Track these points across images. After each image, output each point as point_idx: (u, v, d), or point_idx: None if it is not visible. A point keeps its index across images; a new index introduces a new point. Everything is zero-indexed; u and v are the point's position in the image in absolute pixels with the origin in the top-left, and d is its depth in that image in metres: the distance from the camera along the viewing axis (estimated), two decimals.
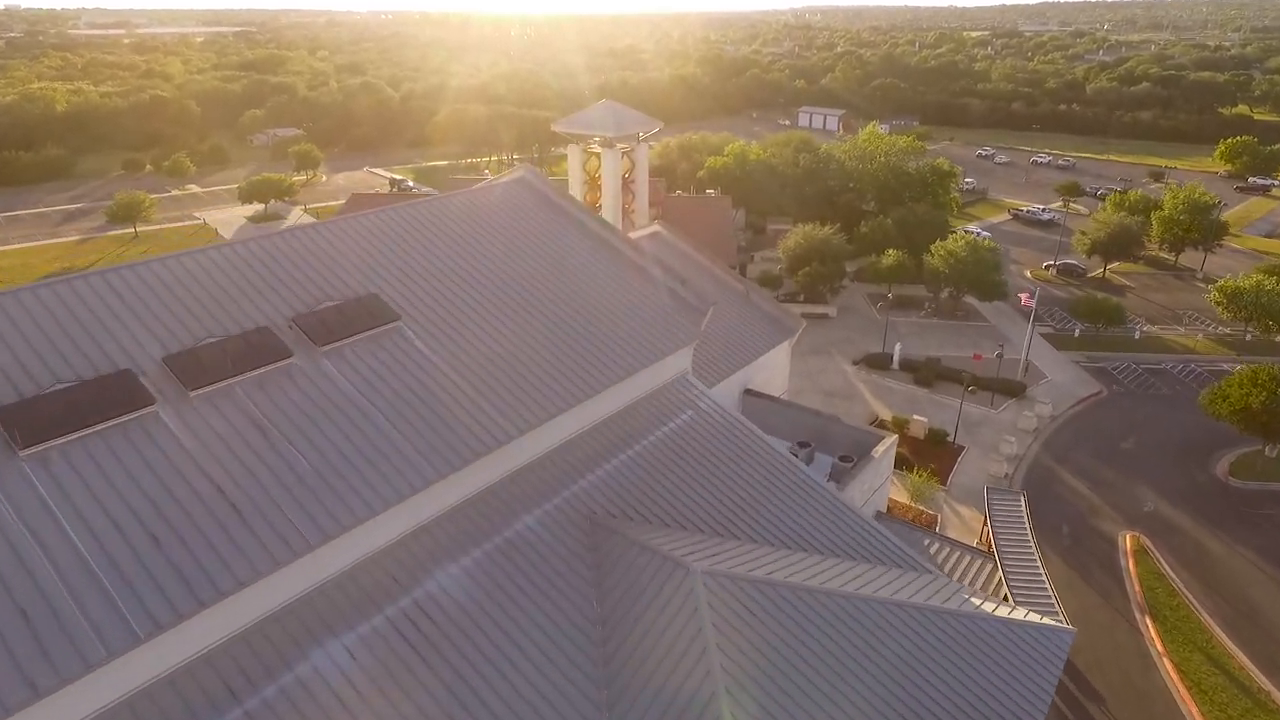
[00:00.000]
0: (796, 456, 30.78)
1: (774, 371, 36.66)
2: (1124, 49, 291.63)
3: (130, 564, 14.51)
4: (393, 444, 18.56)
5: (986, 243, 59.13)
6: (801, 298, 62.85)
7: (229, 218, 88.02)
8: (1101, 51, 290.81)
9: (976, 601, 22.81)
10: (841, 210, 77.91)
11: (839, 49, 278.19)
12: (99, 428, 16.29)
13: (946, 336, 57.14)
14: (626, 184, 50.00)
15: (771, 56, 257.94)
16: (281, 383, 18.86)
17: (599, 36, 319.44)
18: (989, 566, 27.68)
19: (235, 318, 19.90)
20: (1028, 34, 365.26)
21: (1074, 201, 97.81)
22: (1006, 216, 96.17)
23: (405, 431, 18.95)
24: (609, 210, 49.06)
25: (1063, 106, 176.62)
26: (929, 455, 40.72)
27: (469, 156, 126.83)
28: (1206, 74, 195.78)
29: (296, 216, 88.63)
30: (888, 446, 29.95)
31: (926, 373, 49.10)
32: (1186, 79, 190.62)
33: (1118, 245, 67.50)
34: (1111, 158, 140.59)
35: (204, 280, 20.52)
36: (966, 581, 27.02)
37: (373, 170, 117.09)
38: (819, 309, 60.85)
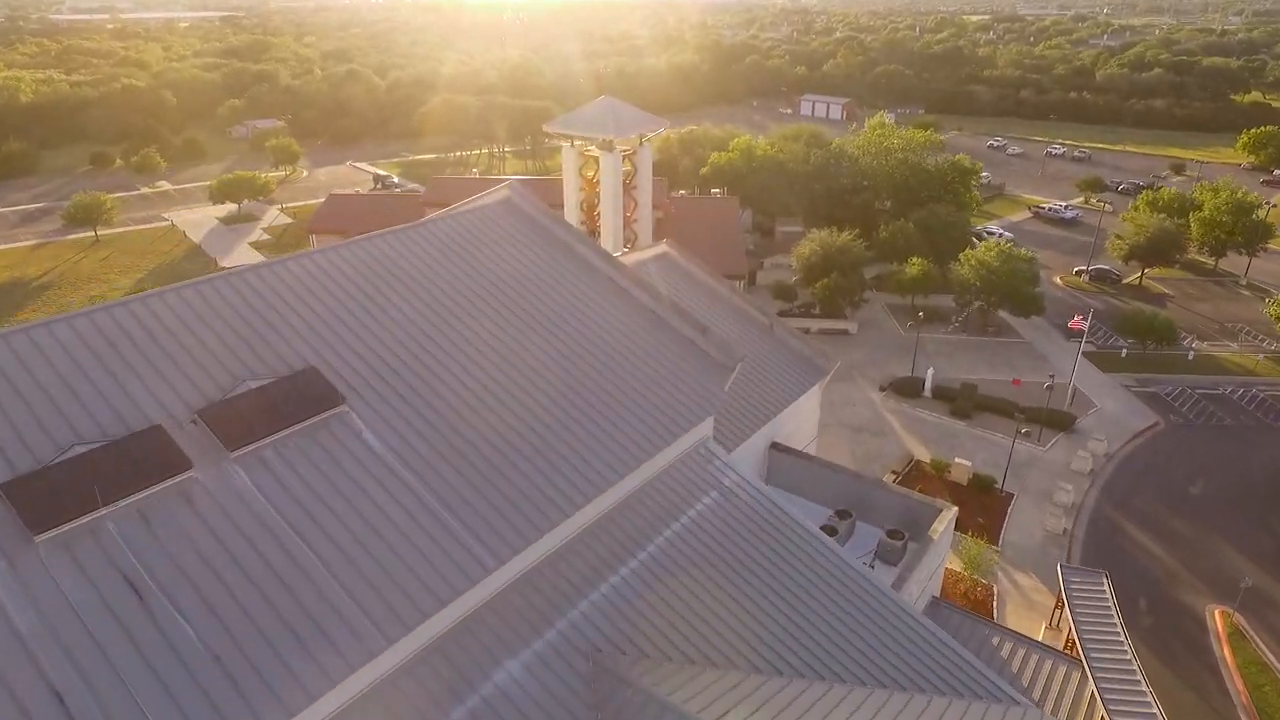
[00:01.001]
0: (836, 530, 25.97)
1: (803, 419, 31.76)
2: (1128, 34, 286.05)
3: None
4: (325, 598, 13.55)
5: (1022, 252, 54.02)
6: (817, 310, 57.81)
7: (199, 218, 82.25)
8: (1106, 36, 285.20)
9: None
10: (856, 211, 72.67)
11: (838, 34, 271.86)
12: None
13: (979, 356, 52.15)
14: (628, 190, 44.83)
15: (770, 42, 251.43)
16: (173, 511, 13.84)
17: (594, 22, 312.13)
18: (1076, 675, 22.89)
19: (118, 413, 14.87)
20: (1029, 18, 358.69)
21: (1103, 201, 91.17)
22: (1026, 214, 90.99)
23: (343, 576, 13.93)
24: (609, 220, 43.89)
25: (1073, 94, 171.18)
26: (974, 505, 35.88)
27: (459, 149, 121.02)
28: (1220, 60, 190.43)
29: (272, 217, 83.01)
30: (947, 523, 25.09)
31: (964, 402, 44.04)
32: (1199, 65, 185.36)
33: (1157, 250, 62.46)
34: (1127, 148, 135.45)
35: (81, 358, 15.45)
36: (1052, 702, 22.23)
37: (356, 165, 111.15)
38: (838, 324, 55.78)
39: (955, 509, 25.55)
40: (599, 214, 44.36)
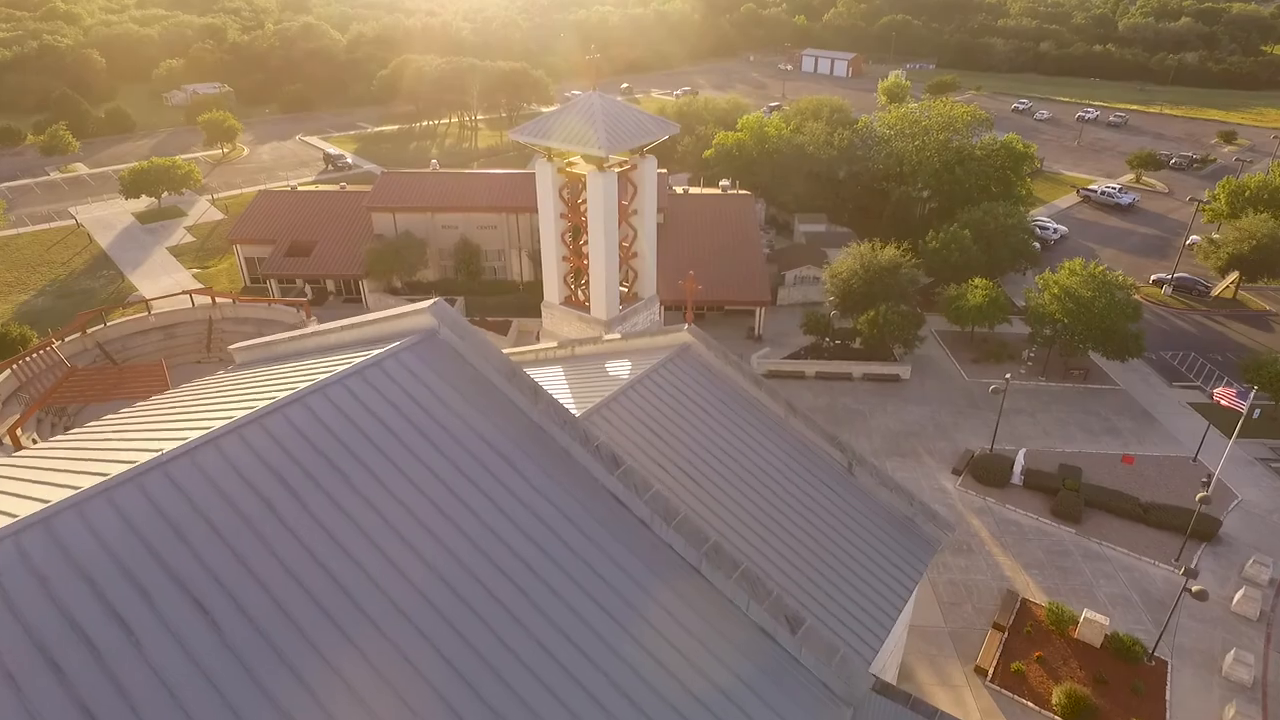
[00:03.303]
0: None
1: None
2: None
3: None
4: None
5: (1120, 278, 43.05)
6: (858, 342, 46.88)
7: (113, 214, 69.43)
8: None
9: None
10: (895, 207, 61.16)
11: None
12: None
13: (1067, 413, 41.50)
14: (624, 216, 33.31)
15: None
16: None
17: None
18: None
19: None
20: None
21: (1198, 202, 72.21)
22: (1074, 198, 79.31)
23: None
24: (600, 260, 32.15)
25: (1097, 47, 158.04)
26: (1118, 685, 25.68)
27: (426, 118, 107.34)
28: (1250, 5, 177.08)
29: (201, 211, 70.39)
30: None
31: (1070, 500, 33.54)
32: (1229, 12, 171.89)
33: (1268, 261, 51.53)
34: (1165, 110, 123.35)
35: None
36: None
37: (306, 140, 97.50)
38: (888, 368, 44.79)
39: None
40: (586, 246, 32.96)
